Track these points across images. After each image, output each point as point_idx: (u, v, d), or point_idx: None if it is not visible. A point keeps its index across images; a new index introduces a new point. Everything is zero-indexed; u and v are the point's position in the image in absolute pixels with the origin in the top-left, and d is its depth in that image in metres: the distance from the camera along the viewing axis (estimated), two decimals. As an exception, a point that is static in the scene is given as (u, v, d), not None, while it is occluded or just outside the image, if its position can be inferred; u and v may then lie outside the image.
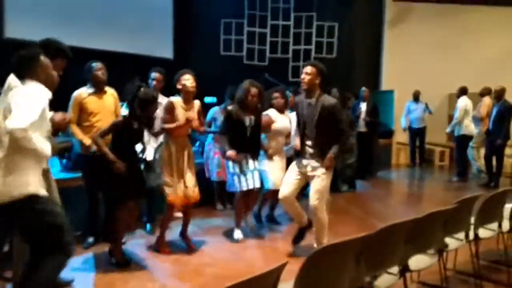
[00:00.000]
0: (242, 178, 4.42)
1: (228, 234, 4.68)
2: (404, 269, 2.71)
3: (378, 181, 8.09)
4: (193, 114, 4.16)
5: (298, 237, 4.28)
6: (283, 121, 4.90)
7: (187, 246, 4.28)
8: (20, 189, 2.51)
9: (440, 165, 10.08)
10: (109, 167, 3.61)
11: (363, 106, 8.06)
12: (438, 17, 10.26)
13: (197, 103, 4.26)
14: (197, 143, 6.20)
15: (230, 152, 4.40)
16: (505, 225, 3.63)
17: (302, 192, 4.46)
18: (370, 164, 8.18)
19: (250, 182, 4.43)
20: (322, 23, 9.65)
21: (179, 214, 4.46)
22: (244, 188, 4.44)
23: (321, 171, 3.92)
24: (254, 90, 4.44)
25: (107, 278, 3.62)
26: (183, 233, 4.35)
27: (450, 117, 8.92)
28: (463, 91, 8.19)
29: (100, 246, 4.23)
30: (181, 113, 4.09)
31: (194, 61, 7.83)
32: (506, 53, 10.20)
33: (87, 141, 4.06)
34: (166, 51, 8.56)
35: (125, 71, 4.42)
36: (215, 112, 5.57)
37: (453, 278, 3.72)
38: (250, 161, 4.49)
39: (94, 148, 3.91)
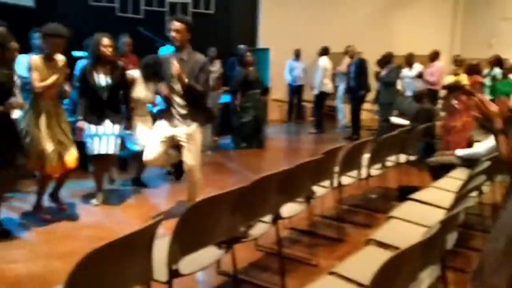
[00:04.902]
0: (96, 142, 4.15)
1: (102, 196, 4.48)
2: (276, 217, 2.90)
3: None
4: (60, 70, 3.80)
5: (179, 173, 4.26)
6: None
7: (58, 208, 4.11)
8: None
9: (311, 120, 10.72)
10: None
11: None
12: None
13: (61, 58, 3.88)
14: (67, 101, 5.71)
15: (80, 124, 4.13)
16: (363, 173, 4.05)
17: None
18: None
19: (104, 146, 4.16)
20: (199, -24, 9.40)
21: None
22: (96, 152, 4.17)
23: (192, 129, 3.83)
24: (106, 40, 4.12)
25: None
26: (54, 195, 4.12)
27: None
28: (324, 51, 8.82)
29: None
30: (44, 72, 3.72)
31: (60, 10, 7.14)
32: (369, 17, 11.00)
33: None
34: (26, -2, 7.67)
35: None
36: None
37: (320, 223, 4.08)
38: (109, 125, 4.19)
39: None
